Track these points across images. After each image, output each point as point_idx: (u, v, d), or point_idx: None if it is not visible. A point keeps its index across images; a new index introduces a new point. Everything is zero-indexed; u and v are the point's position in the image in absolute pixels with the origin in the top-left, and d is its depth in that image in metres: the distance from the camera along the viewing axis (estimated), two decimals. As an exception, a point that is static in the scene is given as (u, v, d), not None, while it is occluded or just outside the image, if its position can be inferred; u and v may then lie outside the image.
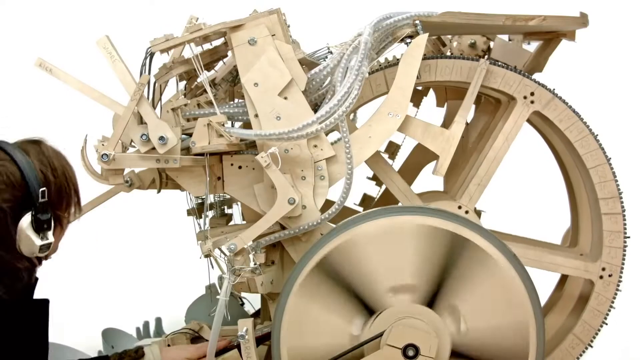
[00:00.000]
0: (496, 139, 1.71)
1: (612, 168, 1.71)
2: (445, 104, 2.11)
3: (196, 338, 1.97)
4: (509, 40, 1.93)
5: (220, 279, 2.11)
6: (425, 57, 1.66)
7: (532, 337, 1.44)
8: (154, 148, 1.52)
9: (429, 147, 1.65)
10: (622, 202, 1.71)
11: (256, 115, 1.58)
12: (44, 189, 1.31)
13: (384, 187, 2.17)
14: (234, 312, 2.11)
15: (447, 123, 2.06)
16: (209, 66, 1.78)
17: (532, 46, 1.89)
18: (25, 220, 1.30)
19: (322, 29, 2.20)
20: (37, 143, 1.39)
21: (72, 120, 2.85)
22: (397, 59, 1.69)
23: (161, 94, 1.70)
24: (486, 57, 1.83)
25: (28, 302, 1.42)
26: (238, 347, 1.57)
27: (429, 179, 2.00)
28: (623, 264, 1.71)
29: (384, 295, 1.46)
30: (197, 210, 1.87)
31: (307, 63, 1.70)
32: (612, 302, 1.72)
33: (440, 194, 1.99)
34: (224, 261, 1.57)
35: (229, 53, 1.76)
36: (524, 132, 1.79)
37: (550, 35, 1.78)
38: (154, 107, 1.66)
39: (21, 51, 3.10)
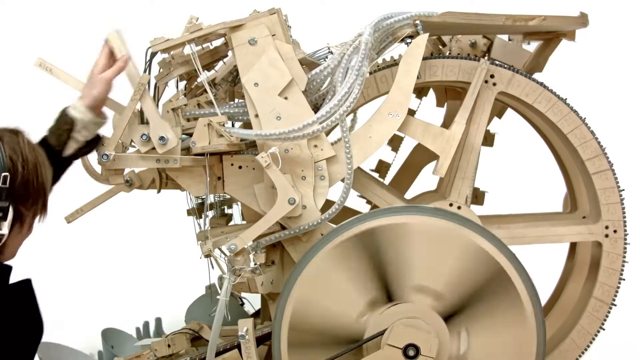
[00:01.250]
0: (469, 128, 1.71)
1: (589, 127, 1.70)
2: (445, 104, 2.11)
3: (196, 338, 1.97)
4: (509, 40, 1.93)
5: (220, 279, 2.11)
6: (425, 57, 1.65)
7: (515, 278, 1.45)
8: (154, 148, 1.52)
9: (429, 147, 1.65)
10: (607, 158, 1.70)
11: (256, 115, 1.58)
12: (5, 174, 1.26)
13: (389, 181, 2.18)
14: (234, 312, 2.12)
15: (447, 123, 2.06)
16: (209, 66, 1.78)
17: (532, 46, 1.89)
18: None
19: (322, 29, 2.20)
20: (15, 133, 1.34)
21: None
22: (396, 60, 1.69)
23: (161, 94, 1.70)
24: (486, 57, 1.83)
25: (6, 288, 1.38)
26: (238, 347, 1.57)
27: (429, 179, 2.01)
28: (625, 216, 1.70)
29: (410, 290, 1.47)
30: (197, 210, 1.87)
31: (308, 63, 1.70)
32: (624, 257, 1.71)
33: (433, 194, 1.99)
34: (224, 261, 1.57)
35: (229, 53, 1.76)
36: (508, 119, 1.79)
37: (550, 35, 1.79)
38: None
39: (21, 51, 3.10)
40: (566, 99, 1.71)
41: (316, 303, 1.47)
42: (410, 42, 1.65)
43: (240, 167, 1.64)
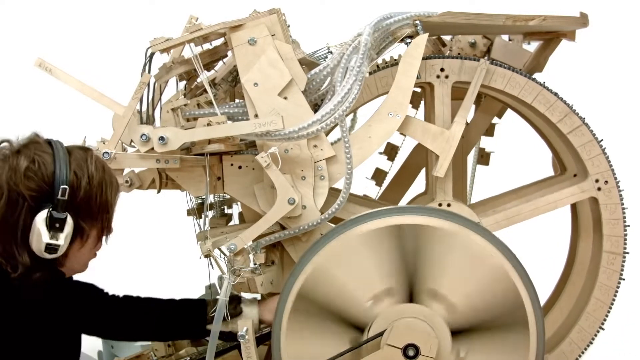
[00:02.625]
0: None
1: (550, 90, 1.69)
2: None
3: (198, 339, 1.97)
4: (509, 40, 1.93)
5: (220, 279, 2.11)
6: (425, 57, 1.66)
7: (515, 278, 1.45)
8: (153, 148, 1.52)
9: (428, 147, 1.65)
10: (577, 114, 1.69)
11: (256, 116, 1.58)
12: (65, 187, 1.28)
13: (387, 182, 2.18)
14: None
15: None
16: (209, 66, 1.78)
17: (532, 46, 1.89)
18: (42, 214, 1.27)
19: (322, 29, 2.20)
20: (85, 150, 1.37)
21: (72, 120, 2.86)
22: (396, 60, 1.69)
23: (161, 94, 1.70)
24: (486, 57, 1.83)
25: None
26: (238, 347, 1.57)
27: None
28: (611, 165, 1.70)
29: (367, 308, 1.47)
30: (197, 210, 1.86)
31: (307, 63, 1.70)
32: (623, 204, 1.70)
33: (424, 197, 1.99)
34: (224, 261, 1.57)
35: (229, 53, 1.76)
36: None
37: (550, 35, 1.79)
38: (154, 107, 1.66)
39: (21, 51, 3.10)
40: (520, 70, 1.70)
41: (334, 275, 1.47)
42: (410, 42, 1.65)
43: (240, 167, 1.64)
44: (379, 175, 2.23)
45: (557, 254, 2.05)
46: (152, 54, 1.59)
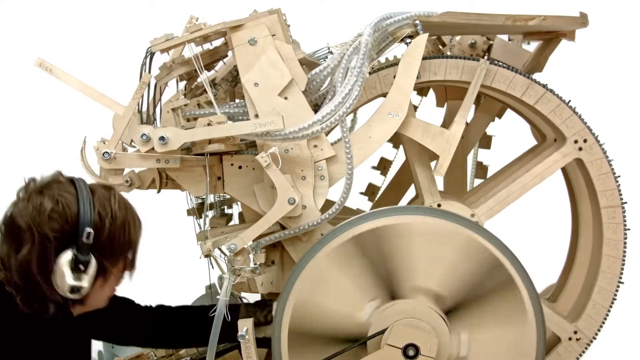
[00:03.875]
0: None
1: (501, 65, 1.69)
2: (445, 104, 2.11)
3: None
4: (509, 40, 1.93)
5: (220, 279, 2.11)
6: (425, 57, 1.66)
7: (482, 241, 1.46)
8: (153, 148, 1.52)
9: (429, 147, 1.65)
10: (538, 83, 1.69)
11: (256, 116, 1.58)
12: (90, 230, 1.28)
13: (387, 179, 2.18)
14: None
15: (447, 123, 2.06)
16: (209, 66, 1.78)
17: (532, 46, 1.89)
18: (65, 256, 1.28)
19: (322, 29, 2.20)
20: (108, 189, 1.38)
21: (73, 120, 2.86)
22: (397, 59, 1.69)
23: (161, 94, 1.70)
24: (486, 57, 1.83)
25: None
26: (238, 347, 1.57)
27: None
28: (585, 123, 1.69)
29: (409, 290, 1.47)
30: (197, 210, 1.86)
31: (308, 63, 1.70)
32: (607, 157, 1.70)
33: (415, 200, 1.99)
34: (224, 261, 1.57)
35: (229, 53, 1.76)
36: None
37: (550, 35, 1.78)
38: (154, 107, 1.66)
39: (21, 51, 3.10)
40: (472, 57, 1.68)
41: (317, 303, 1.47)
42: (410, 42, 1.65)
43: (240, 167, 1.64)
44: (372, 190, 2.24)
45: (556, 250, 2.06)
46: (152, 54, 1.59)
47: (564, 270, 1.94)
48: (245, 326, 1.52)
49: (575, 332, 1.72)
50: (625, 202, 1.70)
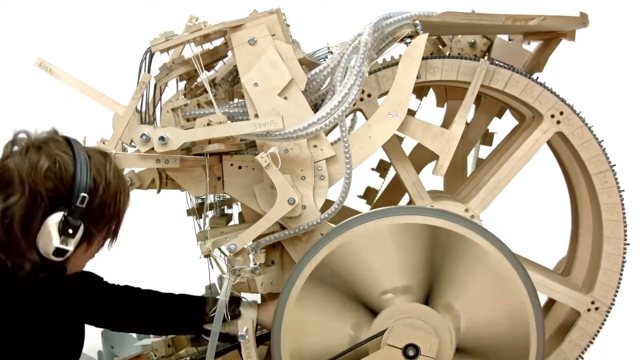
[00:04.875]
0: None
1: (468, 58, 1.69)
2: (445, 104, 2.11)
3: (196, 338, 1.97)
4: (509, 40, 1.93)
5: (220, 279, 2.11)
6: (424, 57, 1.66)
7: (532, 325, 1.44)
8: (153, 148, 1.52)
9: (429, 147, 1.65)
10: (502, 66, 1.69)
11: (256, 115, 1.58)
12: (85, 195, 1.27)
13: (386, 180, 2.18)
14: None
15: (447, 123, 2.06)
16: (209, 66, 1.78)
17: (532, 46, 1.89)
18: (55, 217, 1.26)
19: (322, 29, 2.20)
20: (104, 155, 1.36)
21: (73, 120, 2.85)
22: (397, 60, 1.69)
23: (161, 94, 1.70)
24: (486, 57, 1.83)
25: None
26: (238, 347, 1.57)
27: (429, 179, 2.00)
28: (558, 95, 1.69)
29: (381, 298, 1.47)
30: (197, 210, 1.87)
31: (307, 63, 1.70)
32: (587, 125, 1.69)
33: (443, 194, 1.99)
34: (224, 261, 1.57)
35: (229, 53, 1.76)
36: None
37: (550, 35, 1.78)
38: (154, 107, 1.66)
39: (21, 51, 3.10)
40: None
41: (310, 347, 1.48)
42: (409, 42, 1.65)
43: (240, 167, 1.64)
44: (370, 194, 2.24)
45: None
46: (152, 54, 1.59)
47: (571, 243, 1.94)
48: (245, 326, 1.52)
49: (593, 303, 1.71)
50: (614, 165, 1.69)
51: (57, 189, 1.27)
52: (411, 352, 1.40)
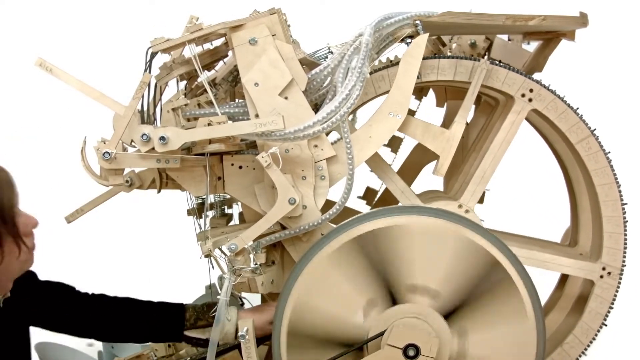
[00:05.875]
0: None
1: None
2: (445, 104, 2.11)
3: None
4: (509, 40, 1.93)
5: (221, 279, 2.11)
6: (425, 57, 1.66)
7: (476, 239, 1.45)
8: (154, 148, 1.52)
9: (429, 147, 1.65)
10: (468, 58, 1.68)
11: (257, 115, 1.58)
12: None
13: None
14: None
15: (447, 123, 2.07)
16: (209, 66, 1.78)
17: (532, 46, 1.89)
18: None
19: (322, 29, 2.20)
20: None
21: (73, 120, 2.86)
22: (398, 59, 1.69)
23: (162, 94, 1.70)
24: (486, 57, 1.83)
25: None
26: (238, 347, 1.57)
27: (429, 179, 2.01)
28: (525, 75, 1.69)
29: (407, 291, 1.47)
30: (198, 210, 1.87)
31: (308, 63, 1.70)
32: (562, 98, 1.69)
33: (438, 193, 1.99)
34: (224, 261, 1.57)
35: (230, 53, 1.76)
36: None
37: (550, 35, 1.79)
38: (154, 107, 1.66)
39: (21, 51, 3.10)
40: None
41: (318, 306, 1.47)
42: (410, 42, 1.65)
43: (240, 167, 1.64)
44: (370, 195, 2.24)
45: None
46: (153, 54, 1.58)
47: (572, 213, 1.94)
48: (245, 326, 1.52)
49: (604, 268, 1.71)
50: (595, 129, 1.69)
51: None
52: (411, 352, 1.40)
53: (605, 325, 1.73)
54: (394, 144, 2.18)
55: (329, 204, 1.62)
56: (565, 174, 1.93)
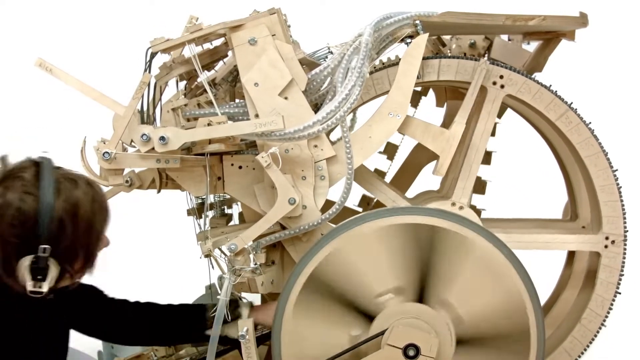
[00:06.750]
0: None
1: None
2: (445, 104, 2.11)
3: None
4: (509, 40, 1.93)
5: (221, 279, 2.11)
6: (424, 57, 1.66)
7: (528, 306, 1.44)
8: (154, 148, 1.52)
9: (429, 147, 1.65)
10: (447, 57, 1.69)
11: (257, 116, 1.58)
12: (47, 246, 1.27)
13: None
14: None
15: (447, 123, 2.06)
16: (209, 66, 1.78)
17: (532, 46, 1.89)
18: (25, 262, 1.27)
19: (322, 29, 2.20)
20: (75, 182, 1.34)
21: (73, 120, 2.86)
22: (399, 59, 1.69)
23: (161, 94, 1.70)
24: (486, 57, 1.83)
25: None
26: (238, 347, 1.57)
27: (429, 179, 2.01)
28: (502, 64, 1.70)
29: (376, 302, 1.47)
30: (197, 210, 1.87)
31: (308, 63, 1.70)
32: (532, 78, 1.70)
33: (432, 193, 1.99)
34: (224, 261, 1.57)
35: (229, 53, 1.76)
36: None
37: (550, 35, 1.79)
38: (154, 107, 1.66)
39: (21, 51, 3.10)
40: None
41: (311, 354, 1.47)
42: (410, 42, 1.65)
43: (240, 167, 1.64)
44: (366, 201, 2.24)
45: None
46: (153, 54, 1.58)
47: (567, 189, 1.95)
48: (245, 326, 1.52)
49: (607, 238, 1.71)
50: (572, 102, 1.70)
51: (23, 235, 1.27)
52: (411, 352, 1.40)
53: (619, 293, 1.72)
54: (389, 150, 2.19)
55: (328, 204, 1.62)
56: (555, 153, 1.94)
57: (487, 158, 2.17)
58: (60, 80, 1.52)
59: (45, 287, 1.29)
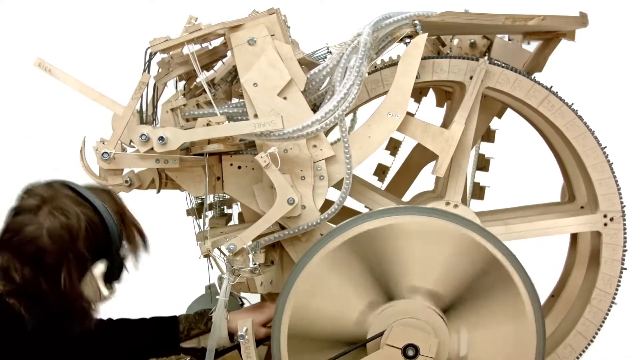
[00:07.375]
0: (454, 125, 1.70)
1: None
2: (445, 104, 2.11)
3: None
4: (509, 40, 1.93)
5: (220, 279, 2.11)
6: (424, 57, 1.65)
7: (473, 235, 1.45)
8: (153, 148, 1.52)
9: (428, 147, 1.65)
10: (442, 59, 1.69)
11: (256, 116, 1.58)
12: (120, 246, 1.33)
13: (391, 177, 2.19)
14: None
15: (447, 123, 2.06)
16: (208, 66, 1.78)
17: (532, 46, 1.89)
18: (99, 269, 1.30)
19: (322, 29, 2.20)
20: (107, 192, 1.40)
21: (72, 120, 2.86)
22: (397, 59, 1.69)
23: (160, 94, 1.70)
24: (486, 56, 1.83)
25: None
26: (238, 347, 1.57)
27: (429, 179, 2.01)
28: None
29: (406, 290, 1.47)
30: (197, 210, 1.87)
31: (307, 63, 1.70)
32: (510, 67, 1.70)
33: (427, 194, 1.99)
34: (224, 261, 1.57)
35: (228, 53, 1.76)
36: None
37: (549, 35, 1.78)
38: (153, 107, 1.66)
39: (21, 51, 3.10)
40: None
41: (316, 307, 1.47)
42: (409, 42, 1.65)
43: (239, 167, 1.64)
44: (382, 171, 2.23)
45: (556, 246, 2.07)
46: (152, 54, 1.59)
47: (562, 172, 1.95)
48: (245, 326, 1.52)
49: (605, 216, 1.71)
50: (551, 87, 1.70)
51: (97, 241, 1.30)
52: (411, 352, 1.40)
53: (625, 269, 1.72)
54: (381, 171, 2.20)
55: (327, 204, 1.62)
56: (545, 138, 1.94)
57: (485, 165, 2.18)
58: (60, 81, 1.52)
59: (116, 288, 1.35)
